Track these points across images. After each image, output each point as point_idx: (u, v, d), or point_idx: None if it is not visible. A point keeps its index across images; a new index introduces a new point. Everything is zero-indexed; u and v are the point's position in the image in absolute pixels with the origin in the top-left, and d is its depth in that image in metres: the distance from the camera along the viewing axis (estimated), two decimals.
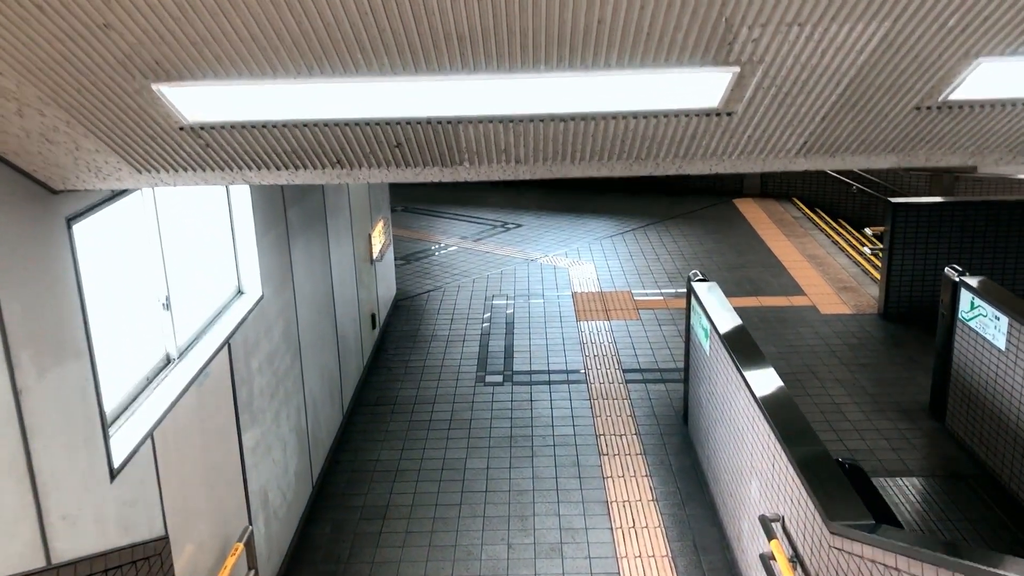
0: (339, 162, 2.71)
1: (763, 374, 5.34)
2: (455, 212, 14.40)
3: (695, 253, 11.91)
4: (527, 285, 10.83)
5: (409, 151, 2.65)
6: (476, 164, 2.74)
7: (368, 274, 8.69)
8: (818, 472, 4.34)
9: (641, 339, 9.13)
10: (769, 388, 5.17)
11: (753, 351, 5.65)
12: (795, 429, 4.75)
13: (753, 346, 5.74)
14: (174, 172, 2.79)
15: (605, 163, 2.76)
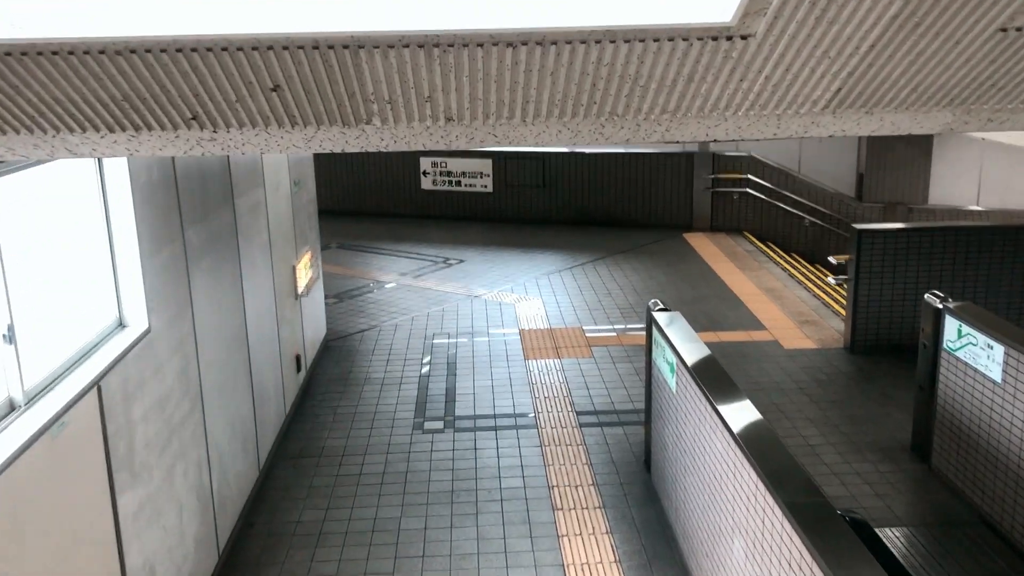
0: (194, 118, 1.90)
1: (742, 412, 4.60)
2: (393, 248, 13.57)
3: (647, 287, 11.24)
4: (471, 323, 10.02)
5: (293, 99, 1.87)
6: (391, 123, 1.97)
7: (292, 310, 7.80)
8: (821, 528, 3.58)
9: (595, 378, 8.37)
10: (752, 428, 4.43)
11: (728, 386, 4.92)
12: (788, 476, 4.01)
13: (728, 380, 5.01)
14: None
15: (568, 122, 2.02)
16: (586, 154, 14.80)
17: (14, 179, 3.51)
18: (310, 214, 8.81)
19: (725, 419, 4.50)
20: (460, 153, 15.30)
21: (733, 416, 4.52)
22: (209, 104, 1.87)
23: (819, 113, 2.04)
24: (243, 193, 6.19)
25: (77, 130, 1.96)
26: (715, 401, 4.68)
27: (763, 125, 2.09)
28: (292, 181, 7.98)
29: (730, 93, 1.94)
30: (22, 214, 3.64)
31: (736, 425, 4.43)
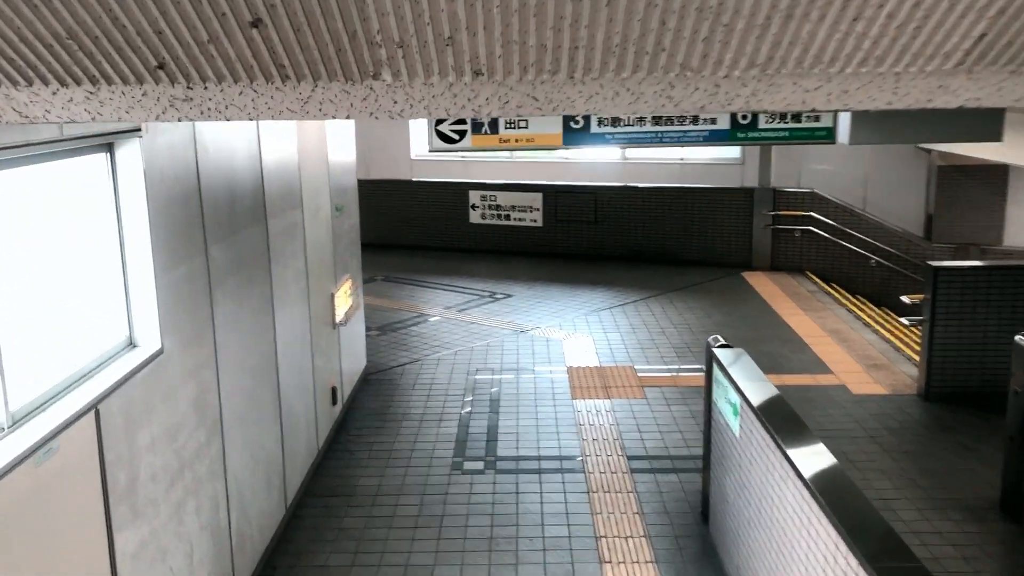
0: (161, 67, 1.52)
1: (817, 458, 4.07)
2: (439, 282, 13.22)
3: (704, 326, 10.68)
4: (516, 359, 9.56)
5: (280, 39, 1.47)
6: (404, 77, 1.56)
7: (329, 341, 7.43)
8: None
9: (648, 421, 7.83)
10: (829, 477, 3.89)
11: (800, 429, 4.38)
12: (873, 534, 3.46)
13: (799, 423, 4.47)
14: None
15: (627, 80, 1.59)
16: (640, 188, 14.36)
17: (11, 177, 3.19)
18: (352, 241, 8.49)
19: (797, 466, 3.97)
20: (510, 186, 14.97)
21: (807, 463, 3.99)
22: (176, 46, 1.49)
23: (951, 72, 1.59)
24: (277, 213, 5.86)
25: (22, 83, 1.60)
26: (786, 446, 4.15)
27: (876, 89, 1.65)
28: (334, 206, 7.67)
29: (839, 38, 1.50)
30: (24, 218, 3.31)
31: (811, 473, 3.90)
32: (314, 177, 6.97)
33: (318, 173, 7.12)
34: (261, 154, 5.53)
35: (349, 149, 8.40)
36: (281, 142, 6.06)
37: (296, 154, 6.40)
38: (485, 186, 15.08)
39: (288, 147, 6.23)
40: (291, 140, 6.30)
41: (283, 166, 6.05)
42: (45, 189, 3.45)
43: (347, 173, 8.28)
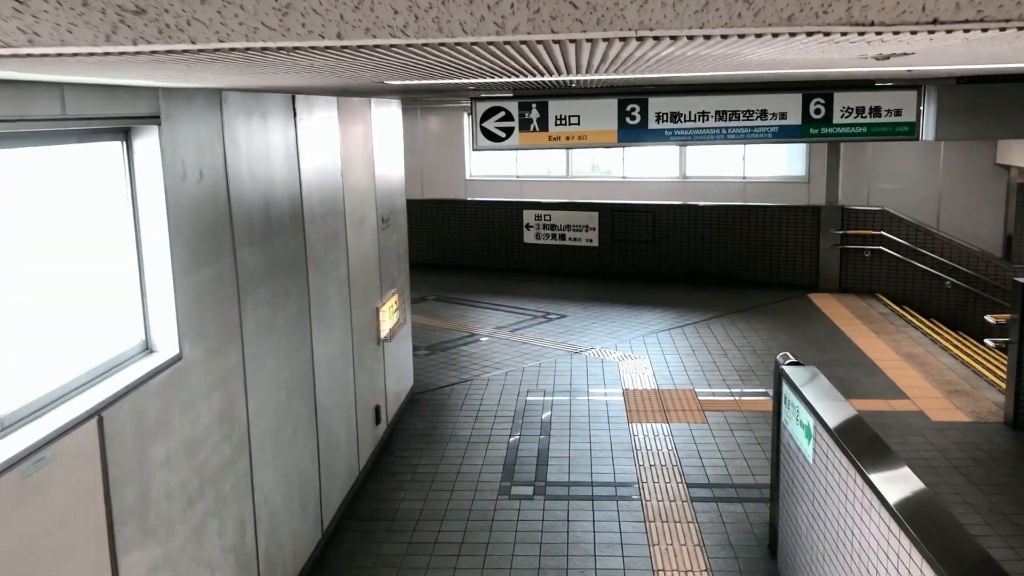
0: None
1: (904, 485, 3.58)
2: (491, 302, 12.89)
3: (769, 348, 10.13)
4: (569, 380, 9.14)
5: None
6: None
7: (373, 357, 7.12)
8: None
9: (709, 446, 7.33)
10: (919, 506, 3.41)
11: (884, 453, 3.90)
12: (976, 573, 2.96)
13: (883, 446, 3.98)
14: None
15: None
16: (700, 207, 13.88)
17: (20, 160, 2.93)
18: (399, 256, 8.20)
19: (883, 494, 3.49)
20: (565, 205, 14.61)
21: (893, 491, 3.50)
22: None
23: None
24: (316, 219, 5.58)
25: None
26: (868, 471, 3.66)
27: None
28: (380, 217, 7.40)
29: None
30: (35, 209, 3.05)
31: (898, 502, 3.41)
32: (358, 185, 6.70)
33: (363, 182, 6.85)
34: (299, 156, 5.27)
35: (397, 160, 8.14)
36: (322, 146, 5.80)
37: (339, 160, 6.14)
38: (540, 205, 14.76)
39: (329, 152, 5.97)
40: (333, 145, 6.04)
41: (323, 171, 5.78)
42: (56, 176, 3.19)
43: (395, 185, 8.01)
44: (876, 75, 4.28)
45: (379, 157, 7.39)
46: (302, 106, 5.35)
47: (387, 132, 7.73)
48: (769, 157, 15.77)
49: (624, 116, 4.74)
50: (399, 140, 8.24)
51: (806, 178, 15.16)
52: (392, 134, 7.94)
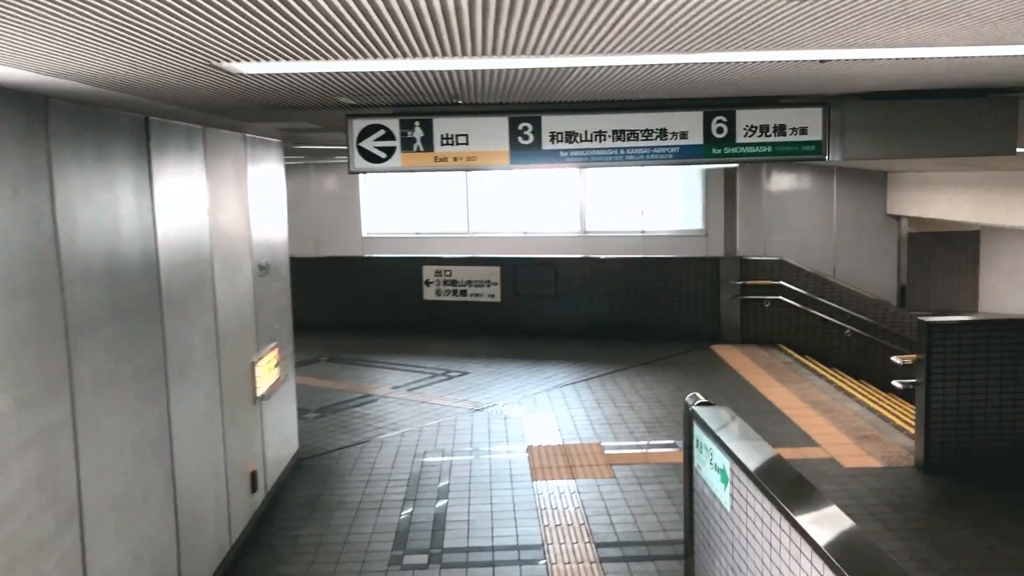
0: None
1: (836, 527, 3.17)
2: (389, 361, 12.26)
3: (675, 400, 9.80)
4: (470, 438, 8.57)
5: None
6: None
7: (248, 417, 6.43)
8: None
9: (617, 502, 6.85)
10: (855, 551, 2.99)
11: (811, 494, 3.49)
12: None
13: (809, 487, 3.58)
14: None
15: None
16: (601, 260, 13.67)
17: None
18: (281, 308, 7.56)
19: (814, 539, 3.06)
20: (466, 260, 14.19)
21: (824, 534, 3.08)
22: None
23: None
24: (174, 257, 4.96)
25: None
26: (796, 514, 3.24)
27: None
28: (257, 265, 6.78)
29: None
30: None
31: (830, 545, 2.98)
32: (229, 227, 6.09)
33: (235, 224, 6.25)
34: (153, 185, 4.66)
35: (278, 208, 7.56)
36: (184, 181, 5.21)
37: (205, 197, 5.54)
38: (440, 260, 14.30)
39: (193, 187, 5.37)
40: (198, 182, 5.45)
41: (184, 206, 5.18)
42: None
43: (275, 233, 7.42)
44: (782, 88, 4.00)
45: (256, 201, 6.82)
46: (157, 131, 4.76)
47: (266, 177, 7.17)
48: (667, 210, 15.78)
49: (516, 136, 4.34)
50: (281, 188, 7.68)
51: (704, 231, 15.18)
52: (272, 180, 7.38)
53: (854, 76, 3.69)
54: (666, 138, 4.36)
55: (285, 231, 7.77)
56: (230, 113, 4.56)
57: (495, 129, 4.32)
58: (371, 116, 4.30)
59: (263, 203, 7.01)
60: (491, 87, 3.67)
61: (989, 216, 10.80)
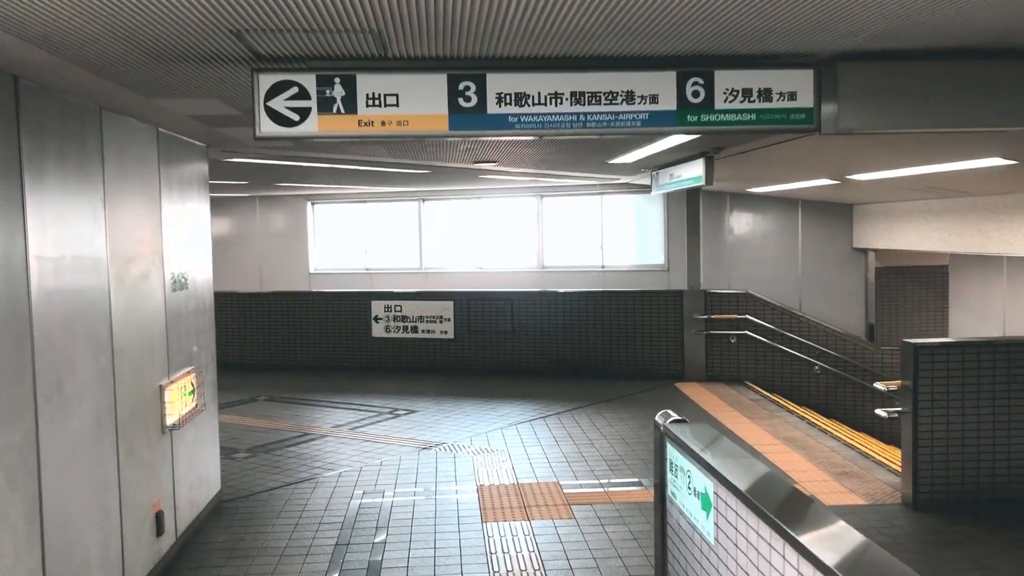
0: None
1: (859, 554, 2.46)
2: (331, 400, 11.39)
3: (639, 437, 9.09)
4: (414, 478, 7.74)
5: None
6: None
7: (153, 449, 5.57)
8: None
9: (578, 545, 6.07)
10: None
11: (822, 515, 2.78)
12: None
13: (818, 506, 2.87)
14: None
15: None
16: (559, 293, 13.00)
17: None
18: (201, 330, 6.74)
19: (832, 569, 2.34)
20: (417, 295, 13.43)
21: (845, 562, 2.36)
22: None
23: None
24: (45, 250, 4.17)
25: None
26: (802, 538, 2.52)
27: None
28: (172, 277, 5.99)
29: None
30: None
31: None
32: (132, 228, 5.31)
33: (140, 227, 5.48)
34: (23, 163, 3.90)
35: (200, 215, 6.79)
36: (62, 157, 4.45)
37: (97, 183, 4.78)
38: (390, 295, 13.52)
39: (78, 167, 4.61)
40: (87, 162, 4.69)
41: (62, 190, 4.41)
42: None
43: (196, 243, 6.63)
44: (767, 45, 3.39)
45: (172, 208, 6.06)
46: (31, 101, 4.01)
47: (186, 184, 6.42)
48: (628, 245, 15.23)
49: (456, 97, 3.66)
50: (204, 198, 6.92)
51: (666, 266, 14.63)
52: (193, 188, 6.63)
53: (855, 24, 3.09)
54: (633, 102, 3.72)
55: (208, 247, 6.98)
56: (115, 71, 3.83)
57: (431, 88, 3.64)
58: (282, 71, 3.60)
59: (181, 212, 6.24)
60: (423, 19, 3.00)
61: (962, 244, 10.37)
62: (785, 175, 10.67)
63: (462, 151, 8.03)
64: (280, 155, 8.20)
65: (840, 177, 10.16)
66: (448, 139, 3.80)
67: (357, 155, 8.28)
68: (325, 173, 11.00)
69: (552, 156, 9.05)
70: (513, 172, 11.32)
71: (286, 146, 6.95)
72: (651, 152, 8.63)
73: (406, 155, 8.15)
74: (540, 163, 9.83)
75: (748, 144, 7.86)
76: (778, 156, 8.44)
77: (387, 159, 8.88)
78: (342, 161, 9.13)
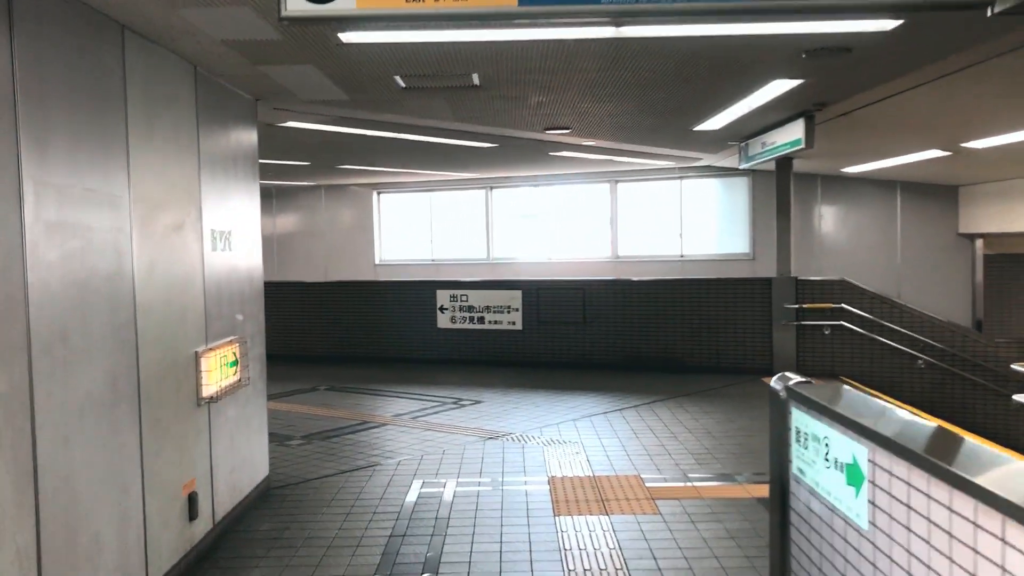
0: None
1: None
2: (394, 390, 10.76)
3: (727, 431, 8.21)
4: (479, 468, 7.02)
5: None
6: None
7: (187, 423, 4.97)
8: None
9: (665, 543, 5.26)
10: None
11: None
12: None
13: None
14: None
15: None
16: (635, 282, 12.15)
17: None
18: (247, 298, 6.14)
19: None
20: (484, 284, 12.75)
21: None
22: None
23: None
24: (46, 153, 3.57)
25: None
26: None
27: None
28: (211, 231, 5.40)
29: None
30: None
31: None
32: (163, 171, 4.72)
33: (172, 170, 4.89)
34: (15, 79, 3.31)
35: (247, 171, 6.20)
36: (72, 81, 3.86)
37: (120, 114, 4.18)
38: (455, 284, 12.86)
39: (94, 96, 4.01)
40: (108, 93, 4.10)
41: (71, 114, 3.81)
42: None
43: (242, 198, 6.05)
44: None
45: (211, 157, 5.51)
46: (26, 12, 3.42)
47: (229, 134, 5.85)
48: (709, 233, 14.30)
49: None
50: (252, 155, 6.35)
51: (751, 255, 13.67)
52: (240, 141, 6.05)
53: None
54: None
55: (256, 211, 6.39)
56: None
57: None
58: None
59: (224, 166, 5.66)
60: None
61: None
62: (890, 145, 9.67)
63: (533, 107, 7.31)
64: (336, 116, 7.59)
65: (954, 146, 9.13)
66: (516, 21, 3.07)
67: (416, 116, 7.63)
68: (387, 149, 10.41)
69: (631, 121, 8.26)
70: (585, 146, 10.56)
71: (331, 76, 6.31)
72: (742, 113, 7.78)
73: (470, 112, 7.46)
74: (617, 131, 9.04)
75: (855, 99, 6.96)
76: (889, 115, 7.50)
77: (450, 124, 8.21)
78: (401, 128, 8.49)
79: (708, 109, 7.59)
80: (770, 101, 7.16)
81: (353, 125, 8.18)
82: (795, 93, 6.82)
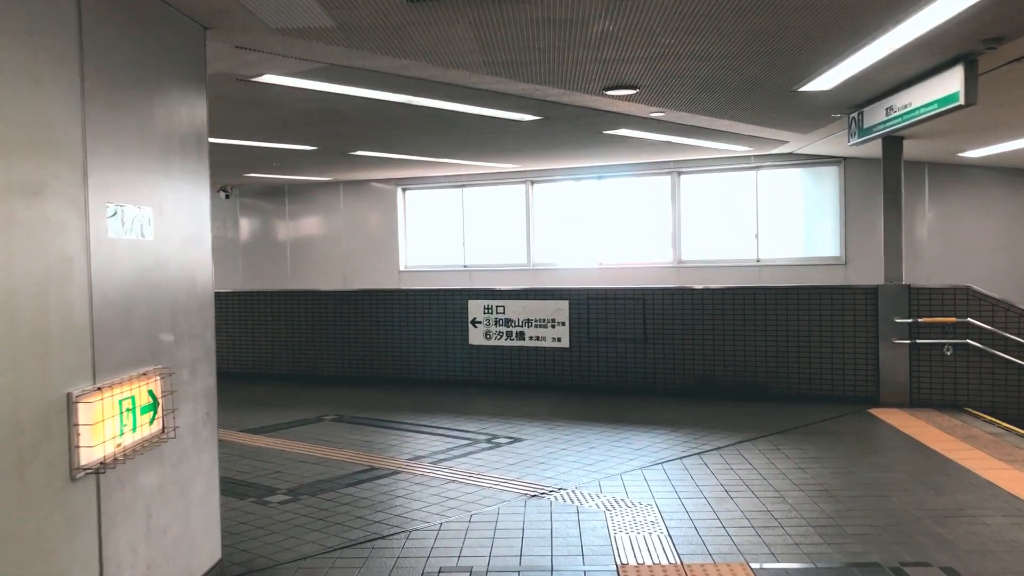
0: None
1: None
2: (414, 422, 8.85)
3: (850, 488, 6.14)
4: (518, 546, 5.05)
5: None
6: None
7: (56, 512, 3.06)
8: None
9: None
10: None
11: None
12: None
13: None
14: None
15: None
16: (706, 291, 10.08)
17: None
18: (185, 307, 4.24)
19: None
20: (524, 293, 10.77)
21: None
22: None
23: None
24: None
25: None
26: None
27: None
28: (106, 206, 3.51)
29: None
30: None
31: None
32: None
33: (13, 99, 3.00)
34: None
35: (192, 120, 4.31)
36: None
37: None
38: (490, 293, 10.91)
39: None
40: None
41: None
42: None
43: (177, 167, 4.16)
44: None
45: (105, 98, 3.64)
46: None
47: (149, 73, 3.98)
48: (790, 234, 12.21)
49: None
50: (198, 116, 4.47)
51: (842, 258, 11.57)
52: (172, 87, 4.18)
53: None
54: None
55: (205, 186, 4.52)
56: None
57: None
58: None
59: (137, 104, 3.78)
60: None
61: None
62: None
63: (594, 42, 5.34)
64: (326, 65, 5.68)
65: None
66: None
67: (432, 61, 5.71)
68: (404, 124, 8.52)
69: (721, 74, 6.26)
70: (651, 119, 8.58)
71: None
72: (874, 60, 5.74)
73: (506, 48, 5.52)
74: (698, 93, 7.04)
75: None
76: None
77: (479, 79, 6.28)
78: (415, 87, 6.58)
79: (830, 51, 5.57)
80: (922, 35, 5.13)
81: (353, 81, 6.29)
82: (963, 22, 4.79)
